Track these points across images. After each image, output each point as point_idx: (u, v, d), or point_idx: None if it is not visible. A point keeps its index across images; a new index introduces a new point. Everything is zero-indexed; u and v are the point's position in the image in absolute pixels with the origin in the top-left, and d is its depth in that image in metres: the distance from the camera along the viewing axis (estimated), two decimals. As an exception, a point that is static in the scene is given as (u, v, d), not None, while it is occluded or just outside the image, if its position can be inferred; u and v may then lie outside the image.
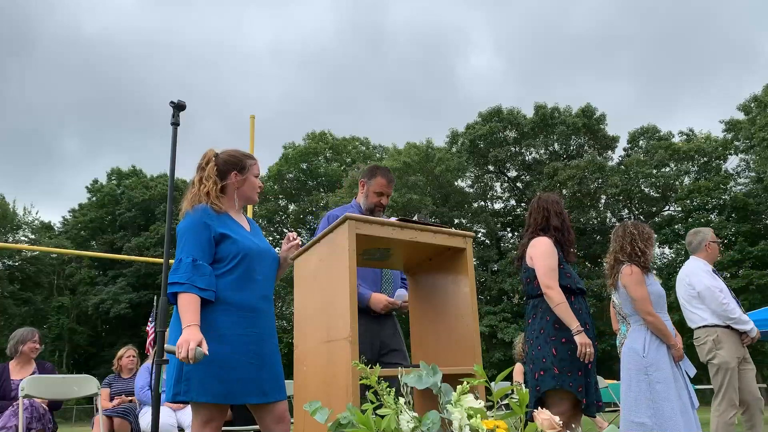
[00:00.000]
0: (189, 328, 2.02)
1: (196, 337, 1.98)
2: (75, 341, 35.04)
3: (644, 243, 3.45)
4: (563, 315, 2.84)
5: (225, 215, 2.32)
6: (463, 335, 1.85)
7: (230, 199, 2.39)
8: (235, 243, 2.24)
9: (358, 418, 1.21)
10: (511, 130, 29.96)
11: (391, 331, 2.90)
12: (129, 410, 4.67)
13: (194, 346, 1.94)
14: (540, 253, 3.02)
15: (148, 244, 35.26)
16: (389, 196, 3.08)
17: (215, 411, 2.13)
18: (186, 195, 2.34)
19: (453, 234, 1.89)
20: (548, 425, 1.32)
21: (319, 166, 35.66)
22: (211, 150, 2.44)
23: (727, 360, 3.77)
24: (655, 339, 3.28)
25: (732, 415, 3.71)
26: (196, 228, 2.21)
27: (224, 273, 2.21)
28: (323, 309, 1.81)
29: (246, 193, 2.40)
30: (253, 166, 2.42)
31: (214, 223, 2.24)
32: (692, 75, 57.38)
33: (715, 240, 4.20)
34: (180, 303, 2.08)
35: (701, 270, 4.02)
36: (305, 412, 1.42)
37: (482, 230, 29.93)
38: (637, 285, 3.35)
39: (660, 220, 27.95)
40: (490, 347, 24.15)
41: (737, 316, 3.84)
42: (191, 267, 2.12)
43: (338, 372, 1.62)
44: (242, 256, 2.23)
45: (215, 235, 2.23)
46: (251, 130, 9.09)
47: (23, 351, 4.39)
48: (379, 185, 3.02)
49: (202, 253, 2.17)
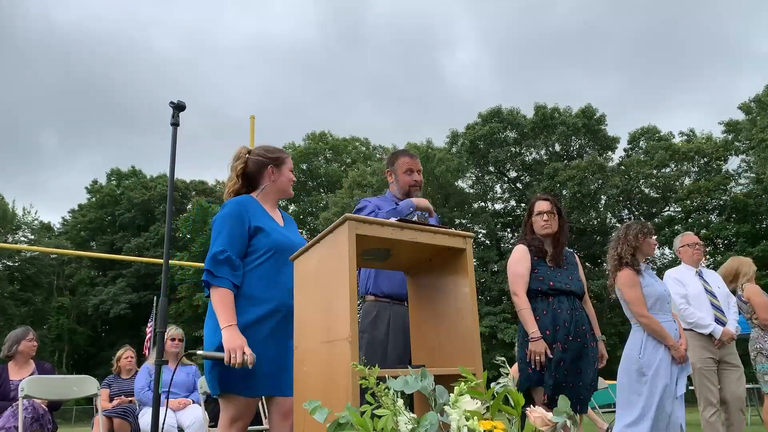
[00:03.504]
0: (229, 329, 2.04)
1: (243, 341, 2.02)
2: (75, 342, 35.05)
3: (634, 242, 3.49)
4: (523, 320, 2.98)
5: (260, 208, 2.35)
6: (463, 336, 1.85)
7: (266, 193, 2.42)
8: (268, 236, 2.25)
9: (356, 420, 1.20)
10: (511, 130, 29.96)
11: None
12: (129, 411, 4.67)
13: (249, 351, 1.99)
14: (510, 262, 3.18)
15: (147, 245, 35.29)
16: (420, 171, 3.06)
17: (243, 407, 2.14)
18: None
19: (453, 234, 1.88)
20: (541, 423, 1.33)
21: (319, 166, 35.72)
22: (244, 147, 2.49)
23: (692, 361, 3.90)
24: (652, 340, 3.30)
25: (712, 414, 3.84)
26: (232, 219, 2.23)
27: (255, 267, 2.22)
28: (323, 309, 1.80)
29: (282, 187, 2.44)
30: (287, 159, 2.48)
31: (249, 215, 2.26)
32: (680, 70, 57.43)
33: (685, 243, 4.36)
34: (214, 298, 2.11)
35: (671, 277, 4.23)
36: (305, 412, 1.42)
37: (482, 231, 29.93)
38: (629, 288, 3.41)
39: (660, 220, 27.94)
40: (490, 348, 24.12)
41: (694, 321, 4.01)
42: (222, 257, 2.14)
43: (338, 372, 1.62)
44: (274, 250, 2.24)
45: (249, 228, 2.25)
46: (251, 131, 9.13)
47: (20, 350, 4.38)
48: (404, 164, 3.02)
49: (233, 245, 2.19)
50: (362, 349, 2.81)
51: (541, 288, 3.02)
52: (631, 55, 58.34)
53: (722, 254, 24.33)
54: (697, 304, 4.06)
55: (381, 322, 2.82)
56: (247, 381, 2.11)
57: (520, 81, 59.10)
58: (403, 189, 2.99)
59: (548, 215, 3.15)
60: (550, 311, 2.97)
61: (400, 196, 3.00)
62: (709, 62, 56.55)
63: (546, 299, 3.01)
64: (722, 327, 3.98)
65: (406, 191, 2.98)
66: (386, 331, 2.79)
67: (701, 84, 57.69)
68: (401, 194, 3.00)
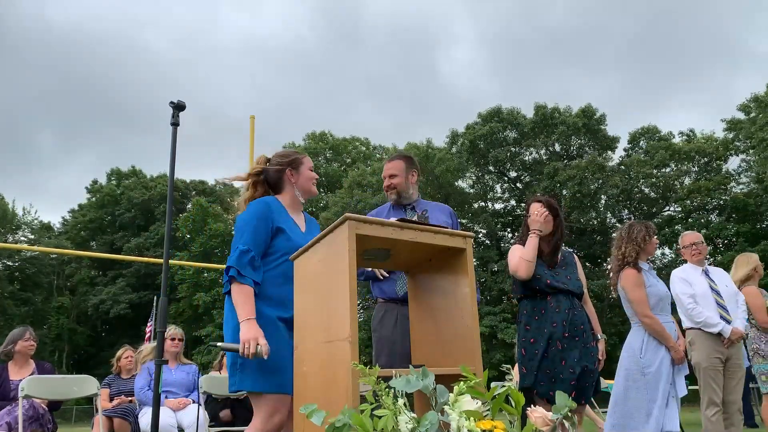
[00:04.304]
0: (248, 322, 2.08)
1: (258, 333, 2.05)
2: (75, 341, 35.06)
3: (642, 243, 3.51)
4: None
5: (284, 211, 2.38)
6: (463, 335, 1.85)
7: (290, 196, 2.46)
8: (288, 239, 2.28)
9: (355, 420, 1.20)
10: (511, 130, 29.95)
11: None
12: (129, 410, 4.67)
13: (264, 342, 2.02)
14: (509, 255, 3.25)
15: (147, 245, 35.29)
16: (392, 176, 3.17)
17: (278, 402, 2.15)
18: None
19: (453, 234, 1.88)
20: (542, 423, 1.33)
21: (319, 166, 35.69)
22: (263, 156, 2.53)
23: (698, 361, 3.93)
24: (653, 340, 3.33)
25: (714, 413, 3.84)
26: (258, 220, 2.27)
27: (273, 267, 2.25)
28: (323, 309, 1.80)
29: (305, 186, 2.48)
30: (304, 159, 2.51)
31: (273, 216, 2.30)
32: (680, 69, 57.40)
33: (687, 244, 4.36)
34: (234, 293, 2.14)
35: (677, 276, 4.23)
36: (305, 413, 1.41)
37: (482, 230, 29.93)
38: (634, 288, 3.43)
39: (660, 220, 27.93)
40: (490, 348, 24.12)
41: (703, 320, 3.98)
42: (247, 258, 2.17)
43: (338, 373, 1.62)
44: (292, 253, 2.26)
45: (272, 228, 2.28)
46: (251, 131, 9.13)
47: (17, 350, 4.38)
48: (383, 172, 3.21)
49: (257, 244, 2.22)
50: (373, 347, 3.00)
51: (539, 287, 3.03)
52: (630, 55, 58.40)
53: (722, 254, 24.35)
54: (704, 304, 4.05)
55: (389, 322, 2.94)
56: (272, 378, 2.13)
57: (519, 80, 59.12)
58: (387, 195, 3.20)
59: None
60: (548, 310, 2.99)
61: (391, 201, 3.21)
62: (709, 62, 56.61)
63: (544, 298, 3.03)
64: (730, 326, 3.97)
65: (389, 195, 3.19)
66: (394, 330, 2.90)
67: (701, 84, 57.74)
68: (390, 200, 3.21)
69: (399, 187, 3.13)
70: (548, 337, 2.92)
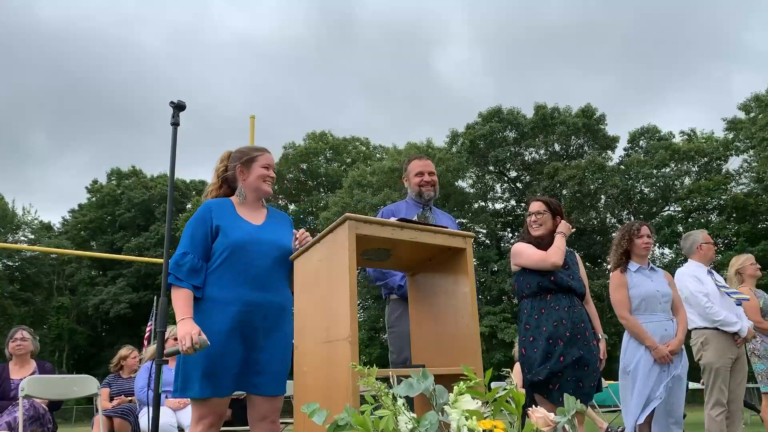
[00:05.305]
0: (183, 321, 2.08)
1: (193, 328, 2.03)
2: (75, 341, 35.05)
3: (626, 245, 3.60)
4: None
5: (231, 209, 2.37)
6: (463, 335, 1.85)
7: (244, 194, 2.44)
8: (225, 237, 2.27)
9: (356, 420, 1.20)
10: (511, 130, 29.94)
11: None
12: (129, 410, 4.67)
13: (197, 336, 2.00)
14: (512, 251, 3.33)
15: (147, 245, 35.28)
16: (431, 173, 3.30)
17: (205, 407, 2.15)
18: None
19: (453, 234, 1.88)
20: (543, 423, 1.32)
21: (319, 166, 35.65)
22: (227, 151, 2.53)
23: (711, 361, 3.88)
24: (635, 340, 3.42)
25: (719, 413, 3.84)
26: (195, 222, 2.29)
27: (215, 268, 2.25)
28: (323, 309, 1.80)
29: (252, 185, 2.42)
30: (259, 157, 2.45)
31: (213, 216, 2.30)
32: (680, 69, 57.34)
33: (706, 241, 4.30)
34: (172, 296, 2.16)
35: (688, 275, 4.12)
36: (305, 413, 1.41)
37: (482, 230, 29.92)
38: (614, 290, 3.57)
39: (660, 220, 27.93)
40: (490, 348, 24.13)
41: (722, 319, 3.92)
42: (183, 261, 2.19)
43: (338, 373, 1.62)
44: (231, 249, 2.24)
45: (212, 229, 2.28)
46: (251, 130, 9.12)
47: (9, 351, 4.40)
48: (414, 167, 3.30)
49: (195, 247, 2.24)
50: (391, 342, 3.09)
51: (541, 283, 3.05)
52: (630, 54, 58.35)
53: (722, 254, 24.33)
54: (718, 303, 3.99)
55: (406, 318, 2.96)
56: (204, 382, 2.12)
57: (517, 79, 59.04)
58: (416, 191, 3.27)
59: (536, 216, 3.23)
60: (548, 309, 3.00)
61: (414, 197, 3.29)
62: (709, 61, 56.57)
63: (544, 297, 3.04)
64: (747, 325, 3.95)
65: (419, 193, 3.26)
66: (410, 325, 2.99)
67: (701, 83, 57.69)
68: (415, 195, 3.29)
69: (437, 185, 3.30)
70: (548, 336, 2.92)
